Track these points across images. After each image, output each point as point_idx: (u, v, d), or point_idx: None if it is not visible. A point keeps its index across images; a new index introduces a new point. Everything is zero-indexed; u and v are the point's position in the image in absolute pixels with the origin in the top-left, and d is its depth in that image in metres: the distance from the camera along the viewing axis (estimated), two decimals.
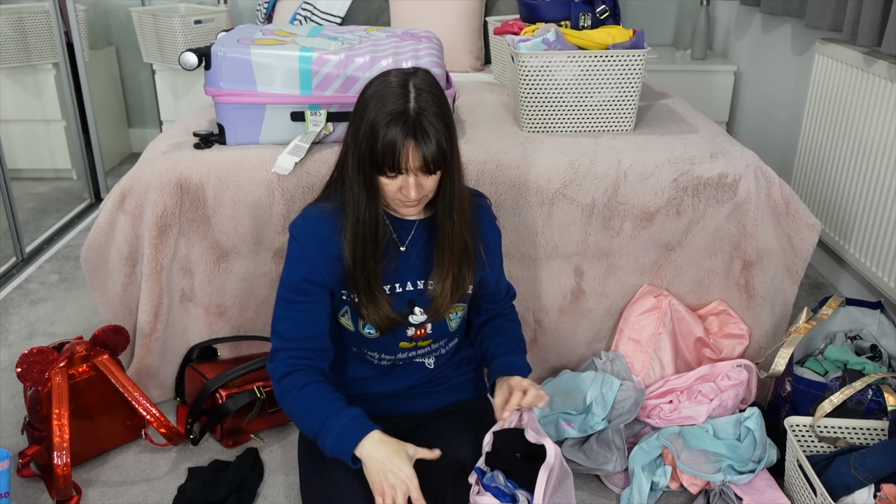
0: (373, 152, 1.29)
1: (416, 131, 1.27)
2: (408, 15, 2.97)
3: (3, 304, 2.51)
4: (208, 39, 3.35)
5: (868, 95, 2.32)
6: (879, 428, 1.64)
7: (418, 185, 1.32)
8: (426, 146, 1.28)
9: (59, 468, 1.61)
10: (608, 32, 2.07)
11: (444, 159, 1.31)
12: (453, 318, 1.52)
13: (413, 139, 1.27)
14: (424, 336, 1.50)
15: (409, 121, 1.27)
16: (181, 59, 1.83)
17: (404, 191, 1.32)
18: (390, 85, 1.31)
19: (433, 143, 1.28)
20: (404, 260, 1.45)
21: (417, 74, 1.34)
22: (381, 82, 1.33)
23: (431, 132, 1.28)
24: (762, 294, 1.95)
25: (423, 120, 1.28)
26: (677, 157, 1.90)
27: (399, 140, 1.26)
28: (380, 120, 1.28)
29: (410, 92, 1.30)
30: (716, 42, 3.71)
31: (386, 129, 1.27)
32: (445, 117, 1.32)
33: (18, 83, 3.40)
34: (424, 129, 1.27)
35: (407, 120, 1.27)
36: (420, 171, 1.30)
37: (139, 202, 1.83)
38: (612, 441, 1.72)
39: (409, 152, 1.27)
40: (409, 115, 1.27)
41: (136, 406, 1.73)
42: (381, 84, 1.33)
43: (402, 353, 1.52)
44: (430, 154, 1.28)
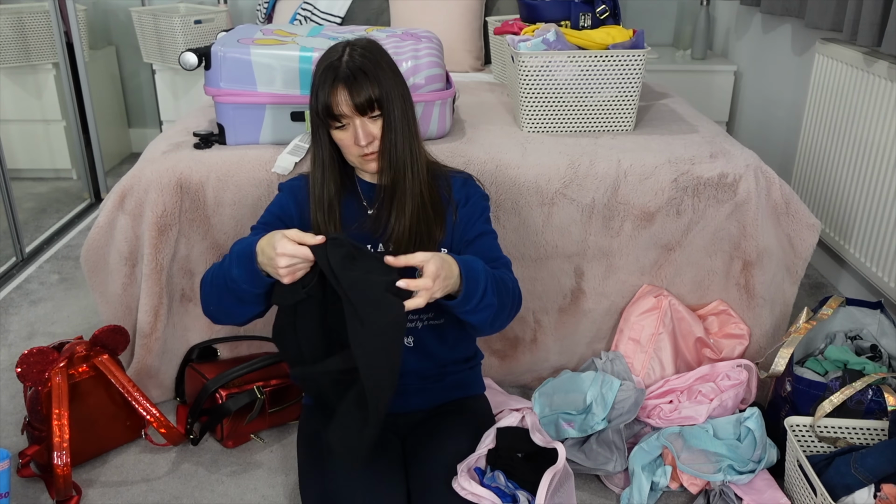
0: (316, 104, 1.43)
1: (344, 77, 1.40)
2: (408, 15, 2.97)
3: (3, 304, 2.51)
4: (208, 39, 3.35)
5: (868, 95, 2.32)
6: (879, 428, 1.64)
7: (366, 132, 1.43)
8: (354, 88, 1.40)
9: (59, 468, 1.61)
10: (608, 32, 2.07)
11: (378, 102, 1.42)
12: None
13: (343, 82, 1.40)
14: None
15: (340, 69, 1.41)
16: (181, 59, 1.83)
17: (356, 139, 1.43)
18: (329, 52, 1.46)
19: (361, 86, 1.40)
20: (372, 223, 1.52)
21: (360, 41, 1.47)
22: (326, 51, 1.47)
23: (359, 76, 1.40)
24: (762, 294, 1.95)
25: (353, 67, 1.40)
26: (677, 157, 1.90)
27: (328, 84, 1.41)
28: (317, 73, 1.43)
29: (346, 49, 1.44)
30: (716, 42, 3.71)
31: (321, 78, 1.42)
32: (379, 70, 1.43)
33: (18, 83, 3.40)
34: (352, 75, 1.40)
35: (338, 69, 1.41)
36: (355, 112, 1.41)
37: (139, 202, 1.83)
38: (612, 441, 1.72)
39: (338, 93, 1.40)
40: (341, 66, 1.41)
41: (136, 406, 1.73)
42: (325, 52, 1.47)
43: None
44: (359, 96, 1.40)
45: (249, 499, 1.70)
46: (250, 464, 1.80)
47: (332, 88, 1.41)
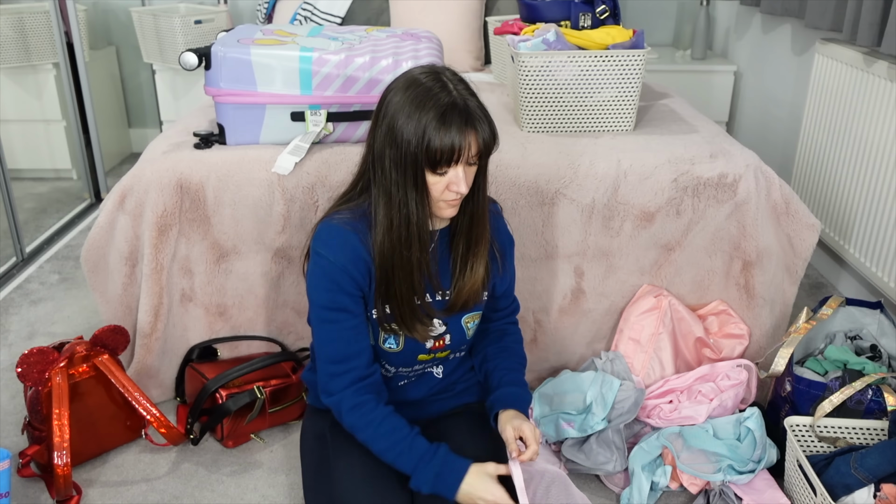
0: (430, 149, 1.26)
1: (470, 119, 1.28)
2: (408, 15, 2.97)
3: (3, 304, 2.51)
4: (208, 39, 3.35)
5: (868, 95, 2.32)
6: (879, 428, 1.64)
7: (468, 176, 1.32)
8: (483, 132, 1.29)
9: (60, 468, 1.61)
10: (608, 32, 2.07)
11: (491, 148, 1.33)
12: (471, 327, 1.51)
13: (472, 128, 1.28)
14: (443, 347, 1.49)
15: (462, 111, 1.27)
16: (181, 59, 1.83)
17: (453, 186, 1.30)
18: (423, 82, 1.29)
19: (487, 128, 1.30)
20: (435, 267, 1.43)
21: (444, 69, 1.34)
22: (412, 81, 1.31)
23: (482, 117, 1.29)
24: (762, 294, 1.95)
25: (471, 106, 1.28)
26: (677, 157, 1.90)
27: (457, 131, 1.26)
28: (429, 115, 1.26)
29: (448, 83, 1.29)
30: (716, 42, 3.71)
31: (440, 122, 1.25)
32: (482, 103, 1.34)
33: (18, 83, 3.40)
34: (477, 117, 1.29)
35: (460, 110, 1.27)
36: (475, 158, 1.30)
37: (139, 202, 1.83)
38: (612, 441, 1.72)
39: (470, 141, 1.28)
40: (458, 104, 1.27)
41: (137, 406, 1.73)
42: (412, 83, 1.30)
43: (419, 366, 1.51)
44: (487, 139, 1.30)
45: (249, 499, 1.70)
46: (250, 464, 1.80)
47: (461, 131, 1.26)
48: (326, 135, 1.91)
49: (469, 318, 1.49)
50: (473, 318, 1.50)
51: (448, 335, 1.48)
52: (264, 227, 1.87)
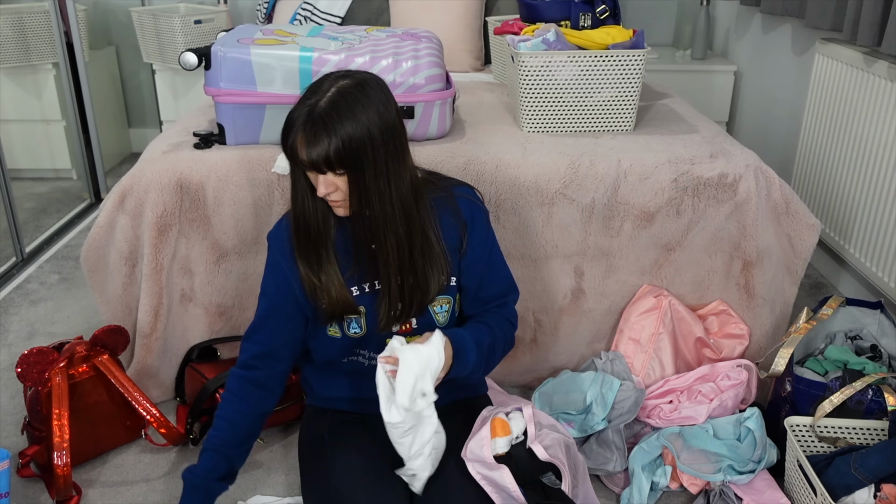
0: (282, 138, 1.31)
1: (307, 128, 1.27)
2: (408, 15, 2.97)
3: (3, 304, 2.51)
4: (208, 39, 3.35)
5: (868, 95, 2.32)
6: (879, 428, 1.64)
7: (327, 182, 1.31)
8: (312, 146, 1.27)
9: (60, 468, 1.61)
10: (608, 32, 2.07)
11: (341, 164, 1.28)
12: (438, 312, 1.49)
13: (303, 133, 1.28)
14: (410, 331, 1.49)
15: (310, 116, 1.27)
16: (181, 59, 1.83)
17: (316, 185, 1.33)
18: (322, 81, 1.33)
19: (319, 146, 1.27)
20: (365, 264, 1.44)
21: (355, 77, 1.33)
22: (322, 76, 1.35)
23: (321, 134, 1.26)
24: (762, 294, 1.95)
25: (325, 119, 1.26)
26: (677, 157, 1.90)
27: (294, 132, 1.28)
28: (292, 111, 1.30)
29: (330, 90, 1.30)
30: (716, 42, 3.71)
31: (290, 120, 1.30)
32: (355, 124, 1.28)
33: (18, 83, 3.40)
34: (315, 129, 1.26)
35: (310, 114, 1.27)
36: (314, 168, 1.30)
37: (139, 202, 1.83)
38: (612, 441, 1.72)
39: (297, 146, 1.29)
40: (314, 110, 1.28)
41: (137, 406, 1.73)
42: (320, 77, 1.35)
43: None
44: (316, 154, 1.27)
45: (250, 499, 1.70)
46: (250, 464, 1.80)
47: (295, 135, 1.29)
48: None
49: (434, 303, 1.48)
50: (440, 303, 1.49)
51: (413, 318, 1.48)
52: (264, 227, 1.87)
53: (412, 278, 1.42)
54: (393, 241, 1.37)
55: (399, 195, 1.36)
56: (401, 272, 1.41)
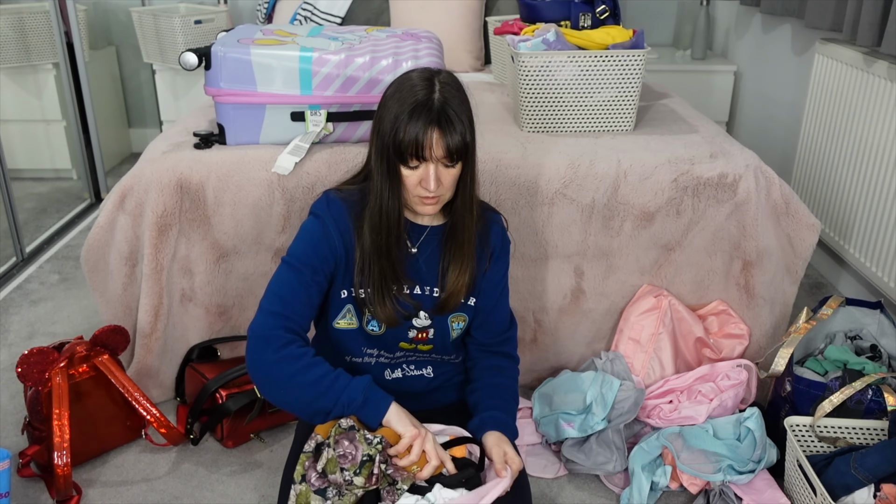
0: (396, 140, 1.31)
1: (440, 119, 1.30)
2: (408, 15, 2.97)
3: (3, 304, 2.51)
4: (208, 39, 3.35)
5: (868, 95, 2.32)
6: (879, 428, 1.64)
7: (438, 176, 1.34)
8: (450, 135, 1.31)
9: (60, 468, 1.61)
10: (608, 32, 2.07)
11: (466, 150, 1.34)
12: (455, 328, 1.51)
13: (437, 126, 1.30)
14: (425, 340, 1.50)
15: (434, 109, 1.30)
16: (181, 59, 1.83)
17: (424, 182, 1.34)
18: (413, 79, 1.35)
19: (457, 133, 1.31)
20: (412, 263, 1.45)
21: (441, 73, 1.37)
22: (405, 78, 1.37)
23: (455, 121, 1.31)
24: (762, 294, 1.95)
25: (448, 109, 1.31)
26: (677, 157, 1.90)
27: (423, 127, 1.30)
28: (404, 109, 1.31)
29: (435, 85, 1.33)
30: (716, 42, 3.71)
31: (409, 116, 1.30)
32: (469, 112, 1.36)
33: (18, 83, 3.40)
34: (449, 118, 1.31)
35: (431, 108, 1.30)
36: (443, 160, 1.32)
37: (139, 202, 1.83)
38: (612, 441, 1.73)
39: (432, 139, 1.30)
40: (434, 104, 1.31)
41: (137, 406, 1.73)
42: (404, 79, 1.37)
43: (401, 353, 1.52)
44: (453, 143, 1.31)
45: (249, 499, 1.70)
46: (250, 464, 1.80)
47: (426, 128, 1.30)
48: (326, 135, 1.91)
49: (455, 318, 1.50)
50: (458, 320, 1.51)
51: (432, 329, 1.49)
52: (264, 227, 1.87)
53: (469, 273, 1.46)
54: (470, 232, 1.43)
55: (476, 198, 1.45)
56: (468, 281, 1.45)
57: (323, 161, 1.85)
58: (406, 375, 1.55)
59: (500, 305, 1.56)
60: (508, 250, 1.56)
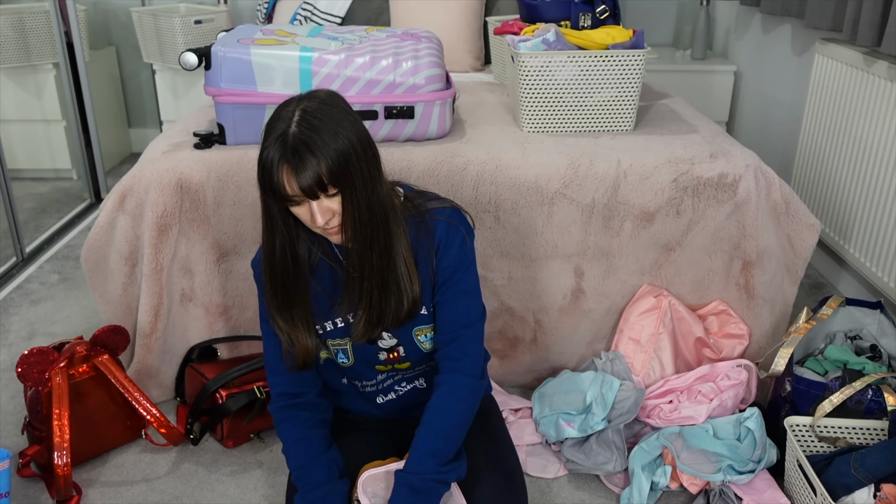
0: (262, 182, 1.23)
1: (289, 156, 1.19)
2: (408, 15, 2.97)
3: (3, 304, 2.51)
4: (208, 39, 3.35)
5: (868, 95, 2.32)
6: (879, 428, 1.65)
7: (324, 210, 1.24)
8: (300, 173, 1.19)
9: (60, 468, 1.61)
10: (608, 32, 2.07)
11: (334, 181, 1.21)
12: (423, 340, 1.43)
13: (287, 163, 1.19)
14: (398, 359, 1.44)
15: (286, 146, 1.20)
16: (181, 59, 1.83)
17: (314, 218, 1.24)
18: (280, 111, 1.26)
19: (308, 170, 1.19)
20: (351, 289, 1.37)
21: (314, 97, 1.27)
22: (277, 108, 1.28)
23: (307, 156, 1.19)
24: (762, 294, 1.95)
25: (300, 144, 1.19)
26: (677, 157, 1.90)
27: (274, 166, 1.20)
28: (263, 147, 1.23)
29: (294, 116, 1.22)
30: (716, 42, 3.71)
31: (266, 155, 1.21)
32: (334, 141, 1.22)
33: (18, 83, 3.40)
34: (300, 154, 1.19)
35: (284, 144, 1.20)
36: (308, 195, 1.21)
37: (139, 202, 1.83)
38: (612, 441, 1.73)
39: (283, 179, 1.20)
40: (287, 139, 1.20)
41: (137, 406, 1.73)
42: (276, 110, 1.28)
43: (383, 376, 1.47)
44: (307, 181, 1.19)
45: (249, 499, 1.70)
46: (250, 464, 1.80)
47: (277, 167, 1.20)
48: None
49: (419, 332, 1.41)
50: (422, 332, 1.42)
51: (401, 347, 1.42)
52: None
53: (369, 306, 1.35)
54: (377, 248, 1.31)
55: (380, 201, 1.30)
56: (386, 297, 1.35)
57: None
58: (399, 395, 1.52)
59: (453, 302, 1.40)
60: (458, 241, 1.38)
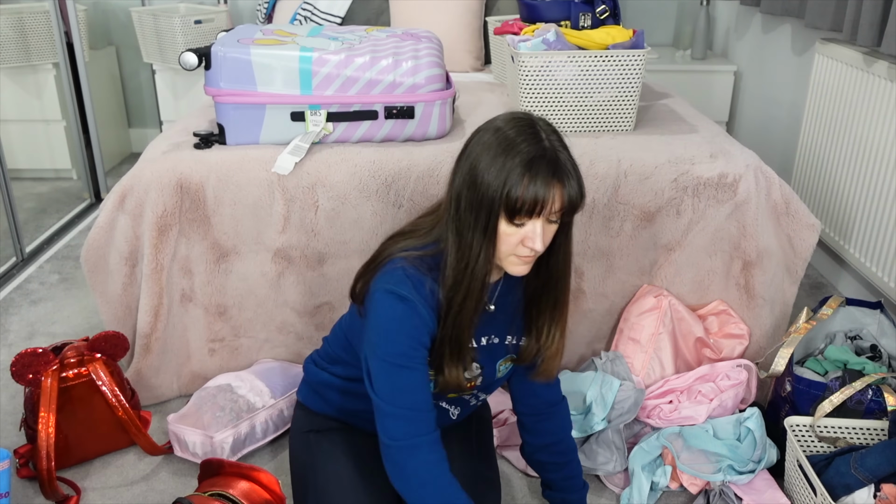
0: (510, 196, 1.18)
1: (558, 171, 1.19)
2: (408, 15, 2.97)
3: (3, 304, 2.51)
4: (208, 39, 3.35)
5: (868, 95, 2.32)
6: (879, 428, 1.64)
7: (546, 234, 1.24)
8: (570, 186, 1.20)
9: (44, 470, 1.60)
10: (608, 32, 2.07)
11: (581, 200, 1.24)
12: (502, 369, 1.43)
13: (557, 180, 1.19)
14: (473, 388, 1.42)
15: (549, 161, 1.19)
16: (181, 59, 1.83)
17: (528, 241, 1.22)
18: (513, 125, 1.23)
19: (575, 183, 1.21)
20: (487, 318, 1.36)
21: (539, 119, 1.26)
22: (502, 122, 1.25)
23: (571, 170, 1.21)
24: (762, 294, 1.95)
25: (562, 158, 1.21)
26: (677, 157, 1.90)
27: (543, 182, 1.18)
28: (516, 161, 1.18)
29: (541, 133, 1.22)
30: (716, 42, 3.71)
31: (526, 169, 1.18)
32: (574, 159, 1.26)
33: (18, 83, 3.40)
34: (565, 168, 1.21)
35: (550, 160, 1.19)
36: (556, 214, 1.22)
37: (139, 202, 1.83)
38: (612, 441, 1.72)
39: (555, 195, 1.20)
40: (548, 155, 1.20)
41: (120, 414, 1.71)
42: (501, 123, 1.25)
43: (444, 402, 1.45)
44: (573, 194, 1.21)
45: None
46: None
47: (547, 183, 1.18)
48: (326, 135, 1.91)
49: (503, 362, 1.42)
50: (506, 362, 1.43)
51: (481, 377, 1.40)
52: (264, 227, 1.87)
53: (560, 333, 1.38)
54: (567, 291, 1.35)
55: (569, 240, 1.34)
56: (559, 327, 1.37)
57: (323, 161, 1.85)
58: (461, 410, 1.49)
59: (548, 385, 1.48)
60: None
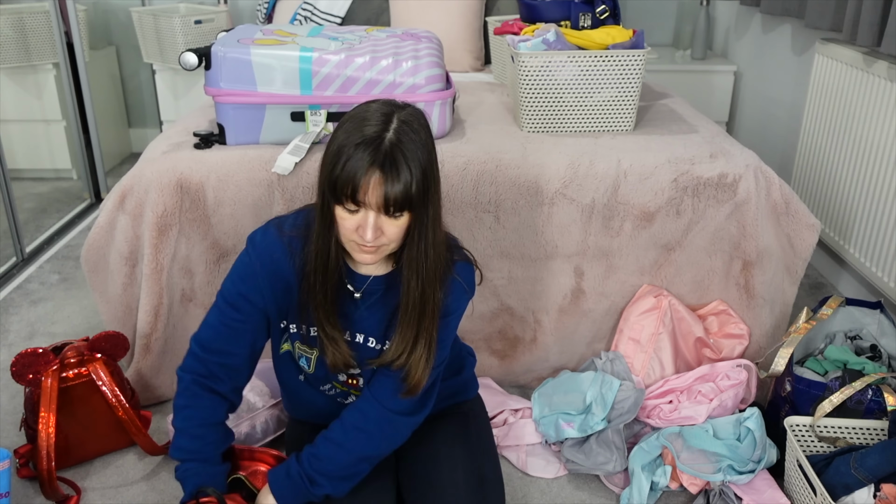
0: (331, 176, 1.15)
1: (384, 162, 1.13)
2: (408, 15, 2.97)
3: (3, 304, 2.51)
4: (208, 39, 3.35)
5: (868, 95, 2.32)
6: (879, 428, 1.65)
7: (377, 227, 1.17)
8: (391, 183, 1.13)
9: (44, 471, 1.60)
10: (608, 32, 2.07)
11: (410, 204, 1.16)
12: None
13: (379, 170, 1.13)
14: (356, 386, 1.43)
15: (381, 150, 1.13)
16: (181, 59, 1.83)
17: (361, 230, 1.18)
18: (371, 109, 1.19)
19: (400, 182, 1.13)
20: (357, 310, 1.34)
21: (407, 108, 1.21)
22: (365, 105, 1.22)
23: (402, 169, 1.13)
24: (762, 294, 1.95)
25: (397, 153, 1.13)
26: (677, 157, 1.90)
27: (362, 167, 1.13)
28: (349, 141, 1.14)
29: (392, 122, 1.17)
30: (716, 42, 3.71)
31: (352, 151, 1.13)
32: (425, 161, 1.17)
33: (18, 83, 3.40)
34: (395, 163, 1.13)
35: (378, 148, 1.13)
36: (380, 209, 1.15)
37: (139, 202, 1.83)
38: (612, 441, 1.73)
39: (369, 183, 1.13)
40: (383, 143, 1.13)
41: (120, 414, 1.71)
42: (363, 107, 1.21)
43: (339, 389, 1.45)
44: (393, 193, 1.13)
45: None
46: None
47: (365, 169, 1.12)
48: (326, 135, 1.91)
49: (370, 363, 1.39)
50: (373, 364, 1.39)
51: (360, 378, 1.41)
52: None
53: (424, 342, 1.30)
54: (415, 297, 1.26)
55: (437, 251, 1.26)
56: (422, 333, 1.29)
57: None
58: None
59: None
60: (463, 309, 1.37)
